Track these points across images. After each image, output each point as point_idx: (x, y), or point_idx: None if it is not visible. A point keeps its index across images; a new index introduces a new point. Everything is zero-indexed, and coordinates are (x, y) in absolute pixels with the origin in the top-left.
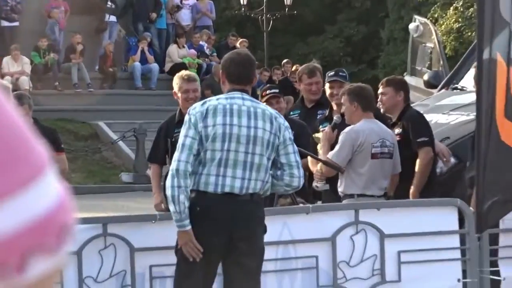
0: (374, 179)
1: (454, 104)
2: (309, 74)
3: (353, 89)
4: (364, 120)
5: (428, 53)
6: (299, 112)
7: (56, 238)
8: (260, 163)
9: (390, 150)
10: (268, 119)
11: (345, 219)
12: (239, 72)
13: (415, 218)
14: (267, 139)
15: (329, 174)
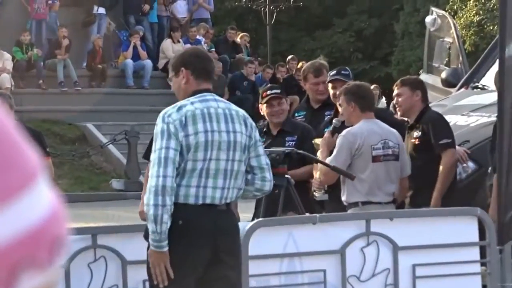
0: (379, 184)
1: (474, 105)
2: (315, 73)
3: (350, 88)
4: (364, 121)
5: (446, 49)
6: (304, 113)
7: (48, 252)
8: (238, 170)
9: (394, 151)
10: (243, 121)
11: (355, 230)
12: (205, 66)
13: (431, 228)
14: (244, 143)
15: (327, 182)
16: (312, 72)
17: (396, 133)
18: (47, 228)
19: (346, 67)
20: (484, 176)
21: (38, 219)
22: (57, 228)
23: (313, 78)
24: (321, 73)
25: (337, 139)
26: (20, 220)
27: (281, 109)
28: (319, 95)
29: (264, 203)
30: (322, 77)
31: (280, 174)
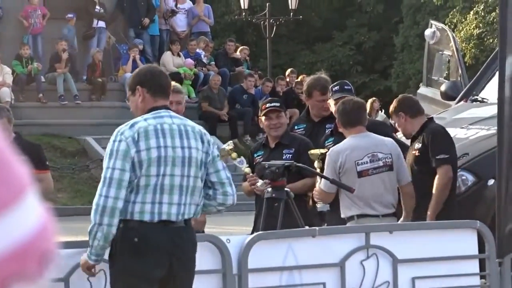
0: (373, 196)
1: (473, 118)
2: (323, 91)
3: (336, 107)
4: (350, 137)
5: (446, 62)
6: (304, 126)
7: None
8: (195, 186)
9: (386, 162)
10: (199, 137)
11: (355, 243)
12: (160, 83)
13: (431, 241)
14: (200, 159)
15: (325, 202)
16: (319, 90)
17: (389, 143)
18: (36, 242)
19: (346, 80)
20: (483, 189)
21: (27, 234)
22: (46, 242)
23: (319, 95)
24: (328, 90)
25: None
26: (10, 235)
27: (280, 122)
28: (325, 111)
29: (263, 216)
30: (327, 94)
31: (280, 187)
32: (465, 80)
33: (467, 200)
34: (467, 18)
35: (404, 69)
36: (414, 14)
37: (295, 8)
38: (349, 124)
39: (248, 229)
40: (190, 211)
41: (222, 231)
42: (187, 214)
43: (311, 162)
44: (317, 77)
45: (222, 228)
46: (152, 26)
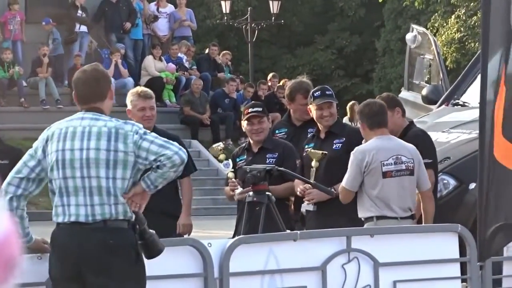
0: (393, 199)
1: (455, 121)
2: (305, 95)
3: (360, 108)
4: (375, 138)
5: (427, 66)
6: (286, 130)
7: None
8: (99, 186)
9: (409, 166)
10: (105, 137)
11: (336, 247)
12: (84, 92)
13: (412, 245)
14: (105, 159)
15: (345, 200)
16: (302, 94)
17: (410, 149)
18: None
19: (326, 86)
20: (464, 193)
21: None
22: (11, 250)
23: (302, 99)
24: None
25: None
26: None
27: (261, 128)
28: (307, 115)
29: (245, 220)
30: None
31: (261, 191)
32: (447, 84)
33: (448, 204)
34: (448, 22)
35: (386, 73)
36: (395, 18)
37: (276, 12)
38: (376, 125)
39: (229, 233)
40: (104, 211)
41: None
42: (100, 214)
43: (308, 161)
44: (299, 81)
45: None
46: (134, 30)
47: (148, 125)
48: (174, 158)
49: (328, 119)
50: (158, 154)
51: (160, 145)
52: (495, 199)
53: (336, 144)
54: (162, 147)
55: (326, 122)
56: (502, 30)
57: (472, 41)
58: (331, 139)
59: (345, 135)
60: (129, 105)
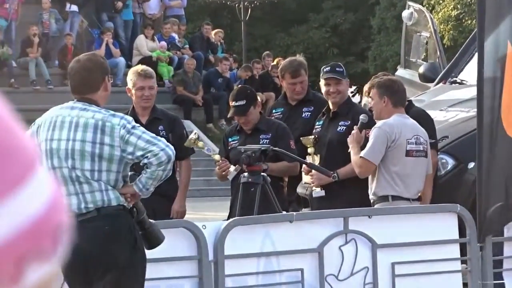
0: (409, 179)
1: (452, 100)
2: (293, 74)
3: (383, 83)
4: (396, 115)
5: (424, 44)
6: (282, 110)
7: (51, 241)
8: (86, 177)
9: (425, 148)
10: (91, 129)
11: (333, 228)
12: (76, 82)
13: (411, 226)
14: (90, 151)
15: (364, 174)
16: (290, 73)
17: (424, 131)
18: (49, 217)
19: (340, 63)
20: (463, 172)
21: (40, 209)
22: (59, 216)
23: (290, 78)
24: (299, 73)
25: (369, 133)
26: (23, 212)
27: (247, 120)
28: (296, 95)
29: (240, 201)
30: (300, 77)
31: (256, 172)
32: (444, 61)
33: (447, 183)
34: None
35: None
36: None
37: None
38: (399, 103)
39: (224, 215)
40: (96, 199)
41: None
42: (91, 202)
43: (303, 148)
44: (290, 60)
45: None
46: (125, 10)
47: (146, 104)
48: (160, 155)
49: (336, 96)
50: (145, 150)
51: (147, 140)
52: (498, 176)
53: (340, 126)
54: (149, 143)
55: (333, 99)
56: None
57: (469, 18)
58: (337, 120)
59: (350, 117)
60: (129, 83)
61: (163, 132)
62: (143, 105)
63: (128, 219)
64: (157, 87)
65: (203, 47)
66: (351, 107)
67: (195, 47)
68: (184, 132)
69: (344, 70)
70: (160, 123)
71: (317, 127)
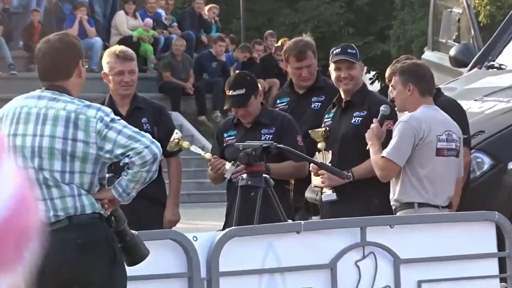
0: (439, 183)
1: (489, 88)
2: (298, 56)
3: (407, 68)
4: (424, 107)
5: (455, 21)
6: (287, 100)
7: (14, 248)
8: (55, 179)
9: (457, 146)
10: (62, 122)
11: (348, 240)
12: (44, 67)
13: (440, 237)
14: (60, 149)
15: (388, 177)
16: (295, 55)
17: (457, 126)
18: (12, 219)
19: (352, 44)
20: (502, 174)
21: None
22: (25, 217)
23: (295, 62)
24: (305, 56)
25: (390, 126)
26: None
27: (247, 112)
28: (303, 81)
29: (237, 208)
30: (306, 60)
31: (257, 173)
32: (479, 42)
33: (482, 187)
34: None
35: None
36: None
37: None
38: (427, 92)
39: (219, 224)
40: (67, 205)
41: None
42: (62, 210)
43: (313, 143)
44: (296, 40)
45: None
46: None
47: (126, 92)
48: (145, 153)
49: (348, 83)
50: (127, 148)
51: (129, 136)
52: None
53: (355, 117)
54: (131, 139)
55: (345, 86)
56: None
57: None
58: (351, 111)
59: (366, 107)
60: (105, 68)
61: (147, 126)
62: (123, 92)
63: (105, 229)
64: (139, 72)
65: (195, 25)
66: (367, 95)
67: (185, 25)
68: (172, 125)
69: (358, 52)
70: (143, 114)
71: (327, 120)
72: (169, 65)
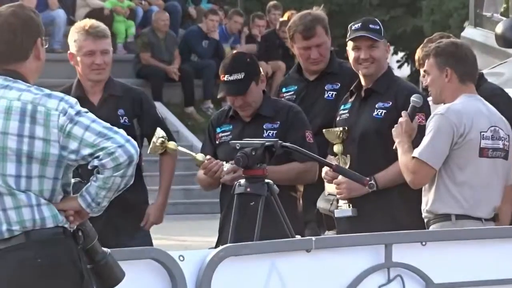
0: (482, 190)
1: None
2: (305, 33)
3: (444, 48)
4: (465, 96)
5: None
6: (295, 88)
7: None
8: (8, 185)
9: (505, 146)
10: (17, 115)
11: (370, 260)
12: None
13: (482, 257)
14: (15, 148)
15: (421, 182)
16: (301, 32)
17: (504, 120)
18: None
19: (375, 19)
20: None
21: None
22: None
23: (302, 40)
24: (314, 32)
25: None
26: None
27: (246, 102)
28: (313, 64)
29: (234, 221)
30: (315, 38)
31: (258, 179)
32: None
33: None
34: None
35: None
36: None
37: None
38: (468, 78)
39: (211, 241)
40: (23, 218)
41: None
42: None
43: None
44: (303, 14)
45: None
46: None
47: (98, 77)
48: (118, 154)
49: (369, 66)
50: (96, 147)
51: (99, 133)
52: None
53: (378, 109)
54: (102, 136)
55: (365, 70)
56: None
57: None
58: (373, 101)
59: (392, 97)
60: (71, 47)
61: (124, 118)
62: (94, 77)
63: (70, 247)
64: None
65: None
66: (393, 82)
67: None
68: (157, 117)
69: (382, 28)
70: (120, 104)
71: (343, 113)
72: (149, 44)
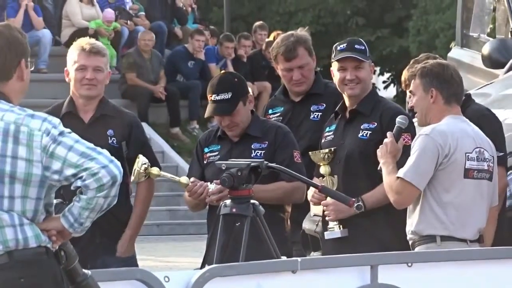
0: (467, 212)
1: None
2: (286, 55)
3: (430, 69)
4: (450, 117)
5: (490, 11)
6: (281, 109)
7: None
8: None
9: (490, 167)
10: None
11: (356, 281)
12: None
13: (469, 278)
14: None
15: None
16: (283, 53)
17: (489, 141)
18: None
19: (360, 39)
20: None
21: None
22: None
23: (284, 61)
24: (295, 54)
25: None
26: None
27: (234, 122)
28: (295, 86)
29: (219, 241)
30: (297, 60)
31: (243, 199)
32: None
33: None
34: None
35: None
36: None
37: None
38: (454, 99)
39: (196, 262)
40: (6, 238)
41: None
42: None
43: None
44: (285, 35)
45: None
46: None
47: (88, 92)
48: (101, 174)
49: (354, 87)
50: (79, 168)
51: (82, 153)
52: None
53: (363, 130)
54: (85, 156)
55: (350, 91)
56: None
57: None
58: (358, 122)
59: (377, 117)
60: (67, 63)
61: (113, 140)
62: (84, 93)
63: (53, 267)
64: None
65: (166, 15)
66: (377, 103)
67: (154, 15)
68: (145, 140)
69: (367, 49)
70: (111, 124)
71: (328, 135)
72: (134, 64)
